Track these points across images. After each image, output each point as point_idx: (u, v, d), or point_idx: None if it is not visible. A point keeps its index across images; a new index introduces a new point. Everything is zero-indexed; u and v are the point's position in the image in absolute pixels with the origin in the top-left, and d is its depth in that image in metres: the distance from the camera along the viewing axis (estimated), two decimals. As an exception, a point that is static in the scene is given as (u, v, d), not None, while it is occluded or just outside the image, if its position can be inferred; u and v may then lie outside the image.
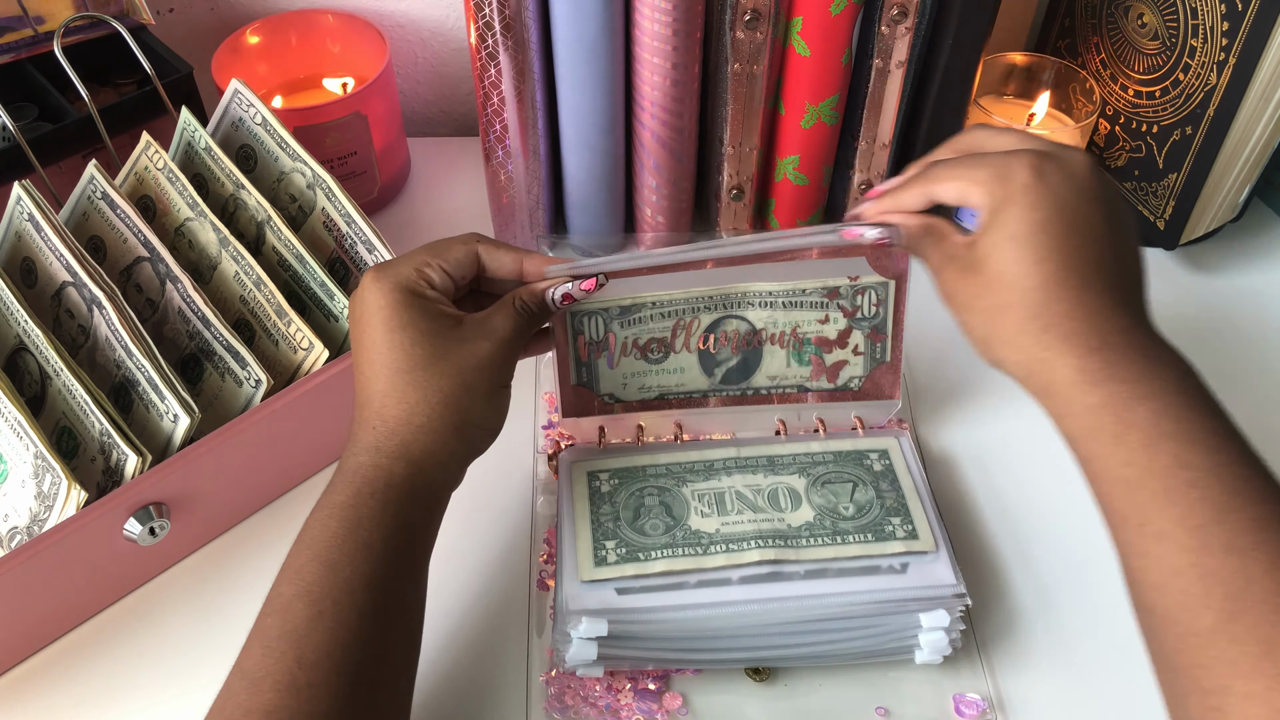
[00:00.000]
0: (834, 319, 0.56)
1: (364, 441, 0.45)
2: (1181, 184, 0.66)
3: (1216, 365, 0.66)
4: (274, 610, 0.42)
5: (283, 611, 0.42)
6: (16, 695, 0.51)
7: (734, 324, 0.56)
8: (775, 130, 0.66)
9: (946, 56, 0.63)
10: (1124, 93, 0.69)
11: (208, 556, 0.56)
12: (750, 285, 0.55)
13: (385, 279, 0.46)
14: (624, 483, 0.54)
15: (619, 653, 0.49)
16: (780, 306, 0.55)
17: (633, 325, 0.55)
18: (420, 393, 0.45)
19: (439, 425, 0.45)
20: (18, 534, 0.50)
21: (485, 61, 0.61)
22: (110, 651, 0.53)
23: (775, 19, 0.59)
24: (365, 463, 0.44)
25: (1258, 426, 0.62)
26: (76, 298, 0.55)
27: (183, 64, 0.66)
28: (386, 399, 0.45)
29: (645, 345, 0.56)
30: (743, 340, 0.56)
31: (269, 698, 0.39)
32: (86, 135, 0.63)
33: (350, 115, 0.68)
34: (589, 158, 0.66)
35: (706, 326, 0.56)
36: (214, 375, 0.55)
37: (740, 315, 0.56)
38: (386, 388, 0.45)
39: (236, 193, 0.59)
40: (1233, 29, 0.59)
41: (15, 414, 0.50)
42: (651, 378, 0.56)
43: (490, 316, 0.47)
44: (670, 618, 0.49)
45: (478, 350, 0.46)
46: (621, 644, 0.49)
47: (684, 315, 0.55)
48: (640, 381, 0.56)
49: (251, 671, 0.40)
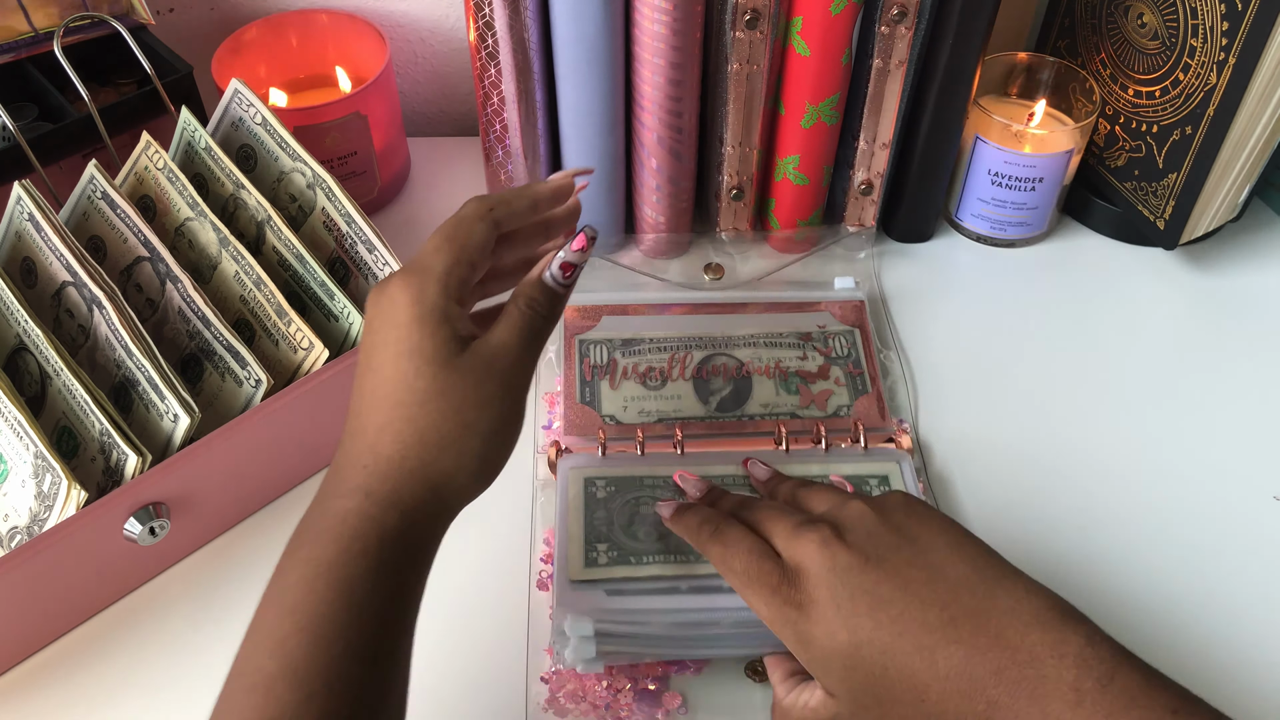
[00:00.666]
0: (811, 356, 0.63)
1: (352, 481, 0.40)
2: (1181, 184, 0.66)
3: (1217, 365, 0.66)
4: (253, 688, 0.37)
5: (265, 691, 0.36)
6: (16, 695, 0.51)
7: (722, 359, 0.62)
8: (775, 130, 0.66)
9: (946, 56, 0.63)
10: (1124, 92, 0.69)
11: (208, 556, 0.56)
12: (733, 330, 0.63)
13: (412, 287, 0.41)
14: (620, 490, 0.54)
15: (616, 649, 0.49)
16: (762, 345, 0.63)
17: (633, 355, 0.62)
18: (416, 433, 0.40)
19: (432, 472, 0.41)
20: (18, 534, 0.50)
21: (485, 61, 0.61)
22: (110, 651, 0.53)
23: (775, 19, 0.59)
24: (353, 509, 0.40)
25: (1258, 426, 0.63)
26: (76, 297, 0.55)
27: (183, 64, 0.66)
28: (381, 434, 0.41)
29: (644, 372, 0.61)
30: (732, 371, 0.61)
31: None
32: (86, 135, 0.63)
33: (350, 115, 0.68)
34: (589, 158, 0.66)
35: (699, 361, 0.62)
36: (214, 375, 0.55)
37: (727, 353, 0.62)
38: (383, 421, 0.41)
39: (236, 192, 0.59)
40: (1233, 29, 0.59)
41: (15, 414, 0.50)
42: (650, 403, 0.60)
43: (495, 334, 0.42)
44: (660, 620, 0.49)
45: (482, 382, 0.41)
46: (616, 641, 0.49)
47: (678, 350, 0.62)
48: (640, 405, 0.60)
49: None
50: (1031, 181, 0.68)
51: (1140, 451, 0.61)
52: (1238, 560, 0.56)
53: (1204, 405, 0.63)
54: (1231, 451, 0.61)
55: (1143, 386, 0.64)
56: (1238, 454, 0.61)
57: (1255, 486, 0.59)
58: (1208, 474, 0.60)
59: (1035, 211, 0.71)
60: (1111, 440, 0.62)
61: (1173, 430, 0.62)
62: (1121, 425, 0.62)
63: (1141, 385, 0.65)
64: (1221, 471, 0.60)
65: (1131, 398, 0.64)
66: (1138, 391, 0.64)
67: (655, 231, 0.69)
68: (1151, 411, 0.63)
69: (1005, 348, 0.66)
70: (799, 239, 0.71)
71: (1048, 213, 0.71)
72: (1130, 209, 0.71)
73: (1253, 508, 0.58)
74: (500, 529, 0.57)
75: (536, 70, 0.62)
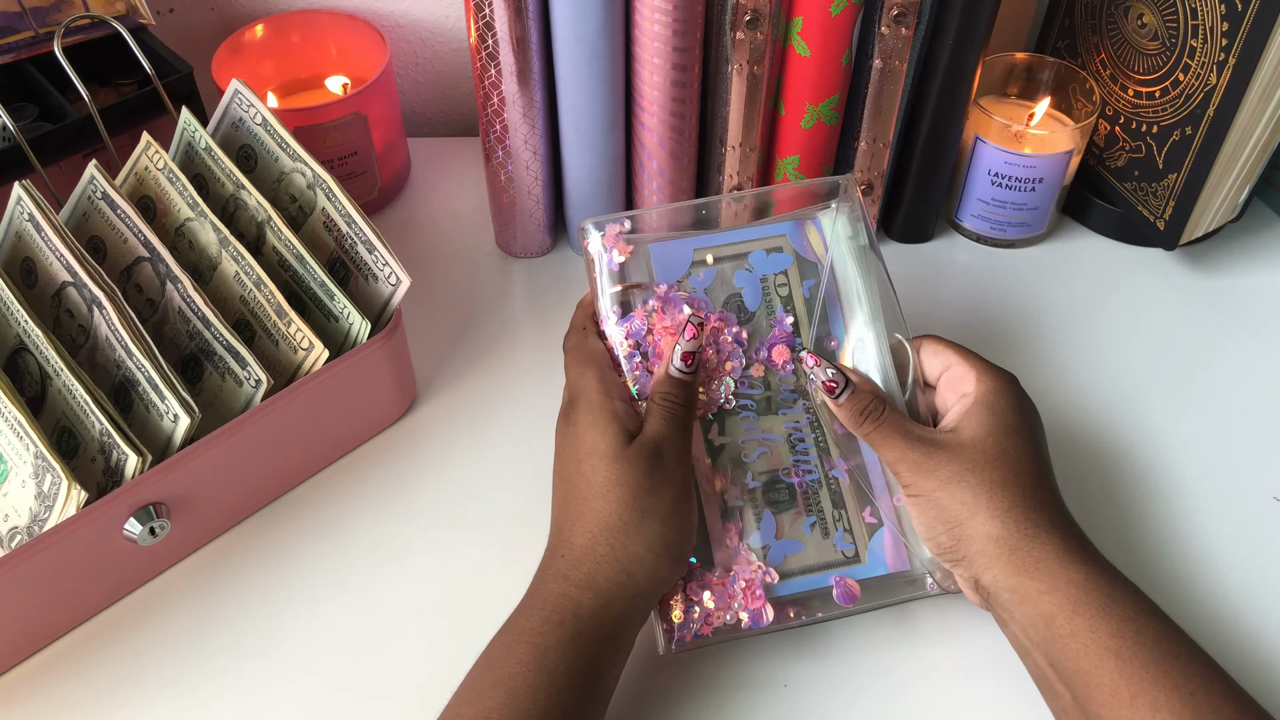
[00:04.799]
0: None
1: (553, 568, 0.46)
2: (1181, 184, 0.66)
3: (1217, 365, 0.66)
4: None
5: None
6: (16, 695, 0.51)
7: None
8: (775, 130, 0.66)
9: (946, 56, 0.63)
10: (1124, 93, 0.69)
11: (208, 556, 0.56)
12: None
13: (581, 409, 0.48)
14: None
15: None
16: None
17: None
18: (600, 522, 0.46)
19: (621, 555, 0.45)
20: (18, 534, 0.50)
21: (485, 61, 0.61)
22: (110, 651, 0.53)
23: (775, 19, 0.59)
24: (554, 591, 0.45)
25: (1258, 426, 0.63)
26: (76, 298, 0.55)
27: (183, 64, 0.66)
28: (573, 528, 0.46)
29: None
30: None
31: None
32: (86, 135, 0.63)
33: (350, 115, 0.68)
34: (589, 158, 0.66)
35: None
36: (214, 375, 0.55)
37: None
38: (574, 517, 0.46)
39: (237, 193, 0.59)
40: (1233, 29, 0.59)
41: (15, 414, 0.50)
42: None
43: (648, 428, 0.48)
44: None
45: (647, 469, 0.46)
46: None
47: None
48: None
49: None
50: (1031, 182, 0.68)
51: (1140, 451, 0.61)
52: (1238, 560, 0.56)
53: (1204, 405, 0.63)
54: (1231, 451, 0.61)
55: (1142, 386, 0.64)
56: (1238, 454, 0.61)
57: (1255, 486, 0.59)
58: (1208, 474, 0.60)
59: (1035, 212, 0.71)
60: (1111, 440, 0.62)
61: (1173, 430, 0.62)
62: (1121, 425, 0.62)
63: (1141, 385, 0.65)
64: (1221, 471, 0.60)
65: (1131, 398, 0.64)
66: (1137, 391, 0.64)
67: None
68: (1151, 411, 0.63)
69: (1005, 348, 0.66)
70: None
71: (1048, 213, 0.71)
72: (1130, 209, 0.71)
73: (1253, 508, 0.58)
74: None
75: (536, 70, 0.62)
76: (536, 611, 0.44)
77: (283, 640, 0.53)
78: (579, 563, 0.45)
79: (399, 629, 0.53)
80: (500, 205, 0.69)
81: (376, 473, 0.60)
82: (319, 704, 0.51)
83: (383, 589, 0.55)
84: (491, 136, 0.64)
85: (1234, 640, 0.52)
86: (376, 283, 0.57)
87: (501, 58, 0.60)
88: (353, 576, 0.55)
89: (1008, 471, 0.46)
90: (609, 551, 0.45)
